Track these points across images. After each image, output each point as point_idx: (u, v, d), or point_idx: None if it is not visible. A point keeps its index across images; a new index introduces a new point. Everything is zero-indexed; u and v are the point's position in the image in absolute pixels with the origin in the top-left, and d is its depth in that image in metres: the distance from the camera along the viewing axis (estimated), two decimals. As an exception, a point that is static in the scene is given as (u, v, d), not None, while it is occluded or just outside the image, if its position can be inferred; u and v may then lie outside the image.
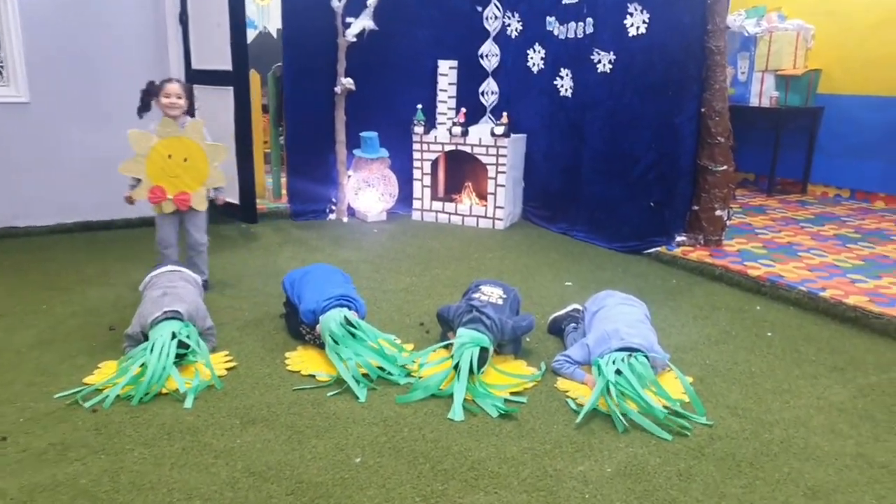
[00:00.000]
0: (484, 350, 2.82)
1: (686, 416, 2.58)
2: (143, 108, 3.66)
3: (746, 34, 6.32)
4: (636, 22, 4.53)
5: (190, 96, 3.72)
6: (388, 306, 3.74)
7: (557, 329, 3.35)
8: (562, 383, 2.86)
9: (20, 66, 4.85)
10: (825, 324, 3.59)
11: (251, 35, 8.46)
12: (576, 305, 3.40)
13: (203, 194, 3.76)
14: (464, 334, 2.87)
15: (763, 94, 6.55)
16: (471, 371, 2.75)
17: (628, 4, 4.54)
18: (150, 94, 3.64)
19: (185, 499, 2.09)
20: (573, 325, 3.25)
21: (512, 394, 2.76)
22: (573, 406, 2.67)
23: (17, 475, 2.19)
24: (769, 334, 3.44)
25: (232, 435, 2.45)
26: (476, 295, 3.13)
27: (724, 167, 4.50)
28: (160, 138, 3.58)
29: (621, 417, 2.53)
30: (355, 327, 2.99)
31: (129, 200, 3.67)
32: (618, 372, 2.67)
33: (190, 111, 3.78)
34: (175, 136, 3.61)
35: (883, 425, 2.59)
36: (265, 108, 6.50)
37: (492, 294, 3.14)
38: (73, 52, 4.99)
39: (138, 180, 3.62)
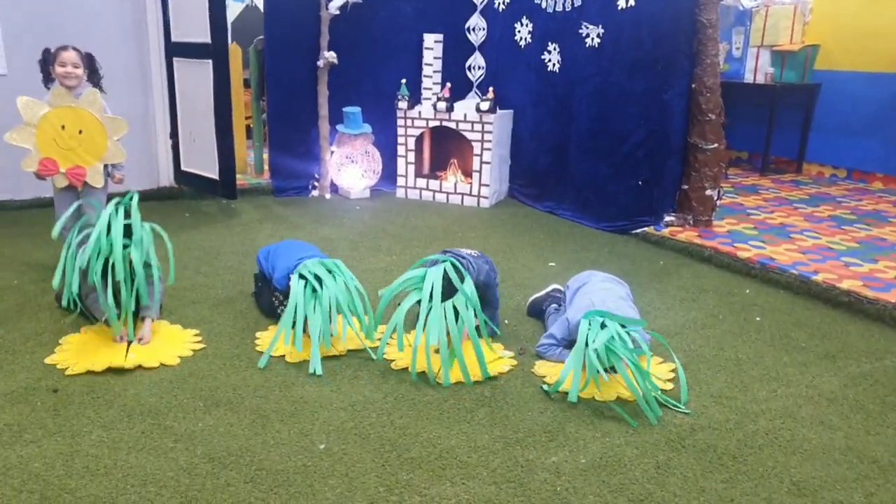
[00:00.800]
0: (456, 270, 2.73)
1: (668, 403, 2.48)
2: (46, 78, 3.45)
3: (742, 8, 6.17)
4: (626, -7, 4.38)
5: (90, 65, 3.49)
6: (365, 285, 3.58)
7: (538, 311, 3.24)
8: (539, 367, 2.76)
9: (-2, 38, 4.70)
10: (817, 309, 3.48)
11: (238, 8, 8.25)
12: (556, 286, 3.29)
13: (99, 169, 3.50)
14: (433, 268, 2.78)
15: (758, 70, 6.41)
16: (445, 295, 2.65)
17: (617, -24, 4.39)
18: (46, 63, 3.43)
19: (140, 485, 2.01)
20: (554, 305, 3.15)
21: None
22: (546, 389, 2.57)
23: (-35, 459, 2.10)
24: (758, 319, 3.34)
25: (194, 418, 2.35)
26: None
27: (715, 145, 4.38)
28: (52, 108, 3.36)
29: (604, 374, 2.45)
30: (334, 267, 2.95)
31: (38, 176, 3.45)
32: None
33: (93, 80, 3.54)
34: (69, 107, 3.37)
35: (875, 417, 2.49)
36: (248, 83, 6.33)
37: (463, 250, 3.07)
38: (50, 24, 4.82)
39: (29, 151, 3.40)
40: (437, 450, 2.20)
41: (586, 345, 2.48)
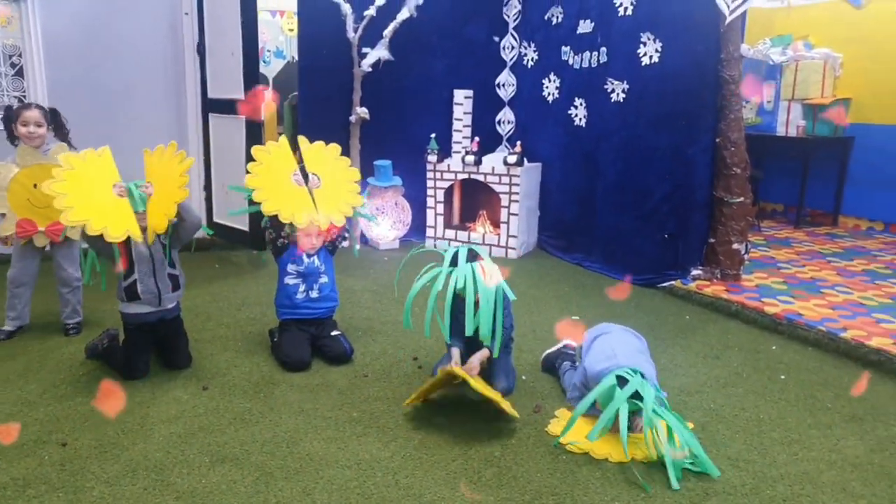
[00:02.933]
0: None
1: (702, 468, 2.41)
2: (11, 136, 3.41)
3: (772, 63, 6.13)
4: (649, 51, 4.41)
5: (54, 121, 3.45)
6: (382, 339, 3.63)
7: (550, 366, 3.20)
8: (553, 426, 2.70)
9: (42, 95, 4.94)
10: (845, 367, 3.35)
11: (279, 64, 8.56)
12: (568, 341, 3.25)
13: None
14: None
15: (790, 122, 6.34)
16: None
17: (641, 34, 4.43)
18: (9, 122, 3.39)
19: (138, 543, 2.00)
20: (568, 363, 3.09)
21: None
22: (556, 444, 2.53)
23: (-30, 513, 2.13)
24: (783, 377, 3.23)
25: (199, 475, 2.35)
26: None
27: (741, 199, 4.31)
28: (21, 168, 3.36)
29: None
30: None
31: (4, 241, 3.41)
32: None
33: (60, 136, 3.50)
34: (38, 165, 3.36)
35: (900, 484, 2.37)
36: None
37: None
38: (94, 82, 5.07)
39: (3, 215, 3.39)
40: (439, 512, 2.16)
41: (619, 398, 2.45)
